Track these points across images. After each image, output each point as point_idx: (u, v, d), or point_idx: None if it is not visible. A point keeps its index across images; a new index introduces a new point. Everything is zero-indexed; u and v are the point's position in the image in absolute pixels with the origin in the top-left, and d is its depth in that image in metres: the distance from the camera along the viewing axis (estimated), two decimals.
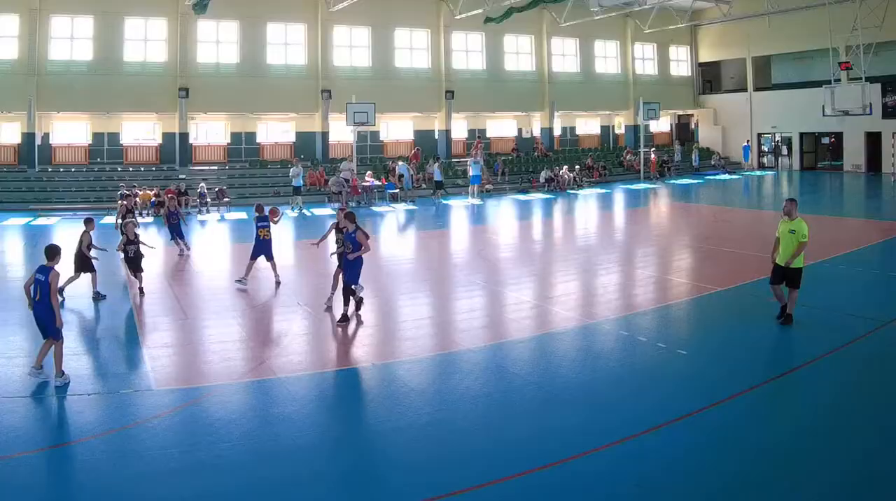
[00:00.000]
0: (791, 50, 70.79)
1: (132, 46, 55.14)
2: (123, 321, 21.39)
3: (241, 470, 11.86)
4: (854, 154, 67.41)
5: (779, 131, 74.61)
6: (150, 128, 58.42)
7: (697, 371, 16.48)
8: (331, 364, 17.61)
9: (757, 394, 14.96)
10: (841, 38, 59.94)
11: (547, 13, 67.70)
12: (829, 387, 15.49)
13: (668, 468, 11.79)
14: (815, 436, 13.01)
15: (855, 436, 12.80)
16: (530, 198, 56.35)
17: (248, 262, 25.82)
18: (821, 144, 72.63)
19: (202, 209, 49.14)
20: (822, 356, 17.12)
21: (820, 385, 15.67)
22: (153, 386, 15.64)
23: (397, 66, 63.64)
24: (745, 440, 12.79)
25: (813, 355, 17.25)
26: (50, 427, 13.79)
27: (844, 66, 60.99)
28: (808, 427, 13.46)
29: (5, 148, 54.12)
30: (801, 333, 19.01)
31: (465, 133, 68.50)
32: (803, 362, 17.01)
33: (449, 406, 14.65)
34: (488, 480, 11.32)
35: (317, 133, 61.25)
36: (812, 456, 12.24)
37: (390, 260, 32.04)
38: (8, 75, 51.35)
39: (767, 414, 14.13)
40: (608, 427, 13.22)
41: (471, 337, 19.42)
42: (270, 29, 59.19)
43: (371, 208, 50.96)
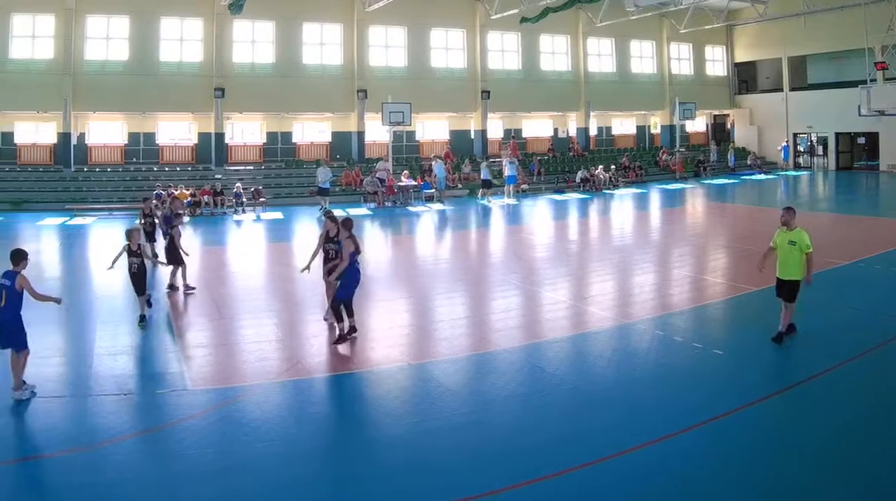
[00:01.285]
0: (827, 50, 67.97)
1: (168, 46, 53.86)
2: (159, 321, 20.91)
3: (276, 471, 11.65)
4: (890, 154, 65.05)
5: (814, 131, 72.15)
6: (186, 128, 56.85)
7: (734, 371, 16.09)
8: (366, 364, 17.06)
9: (794, 394, 14.75)
10: (876, 38, 57.83)
11: (583, 13, 65.23)
12: (869, 387, 15.01)
13: (704, 468, 11.55)
14: (855, 436, 12.60)
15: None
16: (566, 197, 54.78)
17: None
18: (856, 144, 70.04)
19: (238, 209, 47.53)
20: (860, 355, 16.71)
21: (859, 384, 15.15)
22: (189, 386, 15.42)
23: (433, 66, 61.76)
24: (782, 440, 12.56)
25: (851, 355, 16.70)
26: (85, 428, 13.34)
27: (880, 66, 58.87)
28: (848, 426, 13.02)
29: (41, 148, 52.80)
30: (836, 333, 18.49)
31: (501, 133, 66.28)
32: (840, 362, 16.32)
33: (484, 406, 14.38)
34: (524, 480, 11.09)
35: (352, 133, 59.38)
36: (852, 457, 11.82)
37: (426, 260, 31.63)
38: (44, 75, 50.09)
39: (805, 413, 13.81)
40: (644, 428, 12.95)
41: (506, 336, 19.06)
42: (306, 29, 57.58)
43: (407, 208, 49.48)
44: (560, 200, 53.34)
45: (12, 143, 52.11)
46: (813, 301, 19.61)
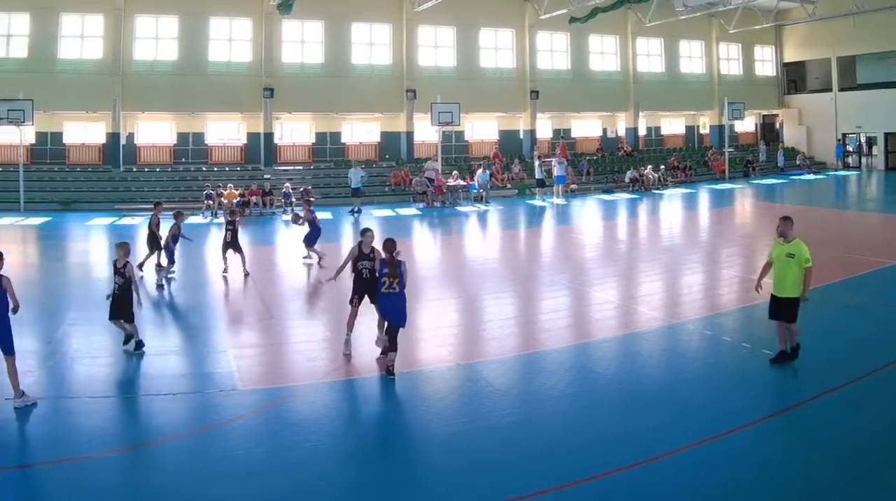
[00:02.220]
0: (876, 50, 64.53)
1: (217, 46, 52.60)
2: (208, 320, 20.68)
3: (326, 470, 11.50)
4: None
5: (863, 131, 69.65)
6: (235, 128, 55.23)
7: (782, 371, 15.54)
8: (415, 363, 16.60)
9: (843, 394, 14.16)
10: None
11: (632, 13, 62.93)
12: None
13: (753, 469, 11.20)
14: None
15: None
16: (615, 197, 52.92)
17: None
18: None
19: (287, 209, 45.81)
20: None
21: None
22: (238, 385, 15.14)
23: (482, 66, 59.71)
24: (832, 441, 12.17)
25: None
26: (134, 427, 13.27)
27: None
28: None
29: (90, 148, 51.67)
30: (886, 332, 17.99)
31: (550, 133, 63.78)
32: (888, 362, 15.74)
33: (534, 406, 14.05)
34: (573, 480, 10.87)
35: (401, 133, 57.47)
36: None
37: (475, 259, 31.19)
38: (93, 75, 48.94)
39: (854, 414, 13.26)
40: (693, 428, 12.68)
41: (556, 336, 18.70)
42: (355, 29, 55.88)
43: (455, 208, 48.00)
44: (609, 200, 51.74)
45: (61, 143, 50.89)
46: (853, 302, 19.96)
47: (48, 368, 15.90)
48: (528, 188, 54.24)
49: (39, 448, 12.28)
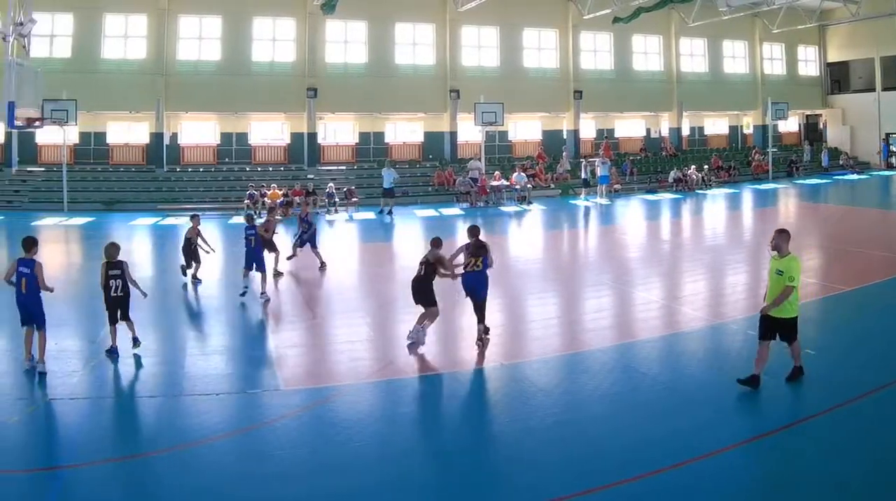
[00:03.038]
0: None
1: (260, 46, 51.01)
2: (252, 321, 20.41)
3: (369, 471, 11.18)
4: None
5: None
6: (279, 128, 53.53)
7: (826, 371, 14.94)
8: (459, 364, 16.40)
9: (888, 394, 13.67)
10: None
11: (675, 13, 60.42)
12: None
13: (797, 468, 11.07)
14: None
15: None
16: (659, 198, 51.19)
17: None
18: None
19: (330, 209, 44.62)
20: None
21: None
22: (281, 385, 14.83)
23: (525, 66, 57.28)
24: (875, 441, 11.74)
25: None
26: (178, 428, 12.83)
27: None
28: None
29: (134, 148, 50.24)
30: None
31: (594, 133, 61.53)
32: None
33: (577, 406, 13.79)
34: (616, 480, 10.57)
35: (445, 133, 55.43)
36: None
37: (518, 260, 30.13)
38: (136, 75, 47.73)
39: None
40: (736, 428, 12.57)
41: (599, 336, 18.35)
42: (398, 29, 53.88)
43: (499, 208, 46.35)
44: (652, 200, 50.09)
45: (104, 143, 49.67)
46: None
47: (91, 368, 15.58)
48: (572, 188, 52.59)
49: (84, 448, 11.86)
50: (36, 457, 11.71)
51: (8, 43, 30.64)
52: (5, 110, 29.12)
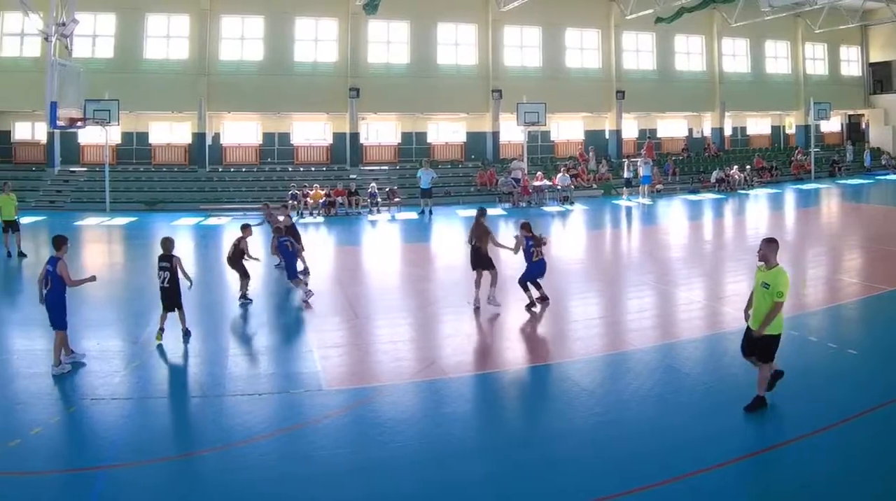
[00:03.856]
0: None
1: (302, 46, 49.21)
2: (293, 321, 19.88)
3: (412, 471, 10.78)
4: None
5: None
6: (321, 128, 51.84)
7: (869, 371, 14.46)
8: (501, 364, 15.94)
9: None
10: None
11: (717, 13, 57.73)
12: None
13: (838, 469, 10.48)
14: None
15: None
16: (701, 198, 49.02)
17: None
18: None
19: (373, 209, 42.87)
20: None
21: None
22: (323, 386, 14.35)
23: (568, 66, 54.81)
24: None
25: None
26: (220, 428, 12.39)
27: None
28: None
29: (176, 148, 48.79)
30: None
31: (636, 133, 59.09)
32: None
33: (619, 406, 13.18)
34: (658, 480, 10.16)
35: (487, 133, 53.07)
36: None
37: (560, 260, 28.13)
38: (179, 75, 46.22)
39: None
40: (778, 428, 12.05)
41: (641, 336, 17.55)
42: (441, 29, 51.64)
43: (542, 208, 44.63)
44: (695, 200, 48.02)
45: (147, 144, 48.42)
46: None
47: (134, 368, 15.13)
48: (614, 188, 50.38)
49: (126, 448, 11.50)
50: (77, 457, 11.29)
51: (50, 43, 30.16)
52: (48, 110, 28.69)
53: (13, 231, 27.46)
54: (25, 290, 23.01)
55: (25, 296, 22.13)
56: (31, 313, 18.31)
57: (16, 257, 27.07)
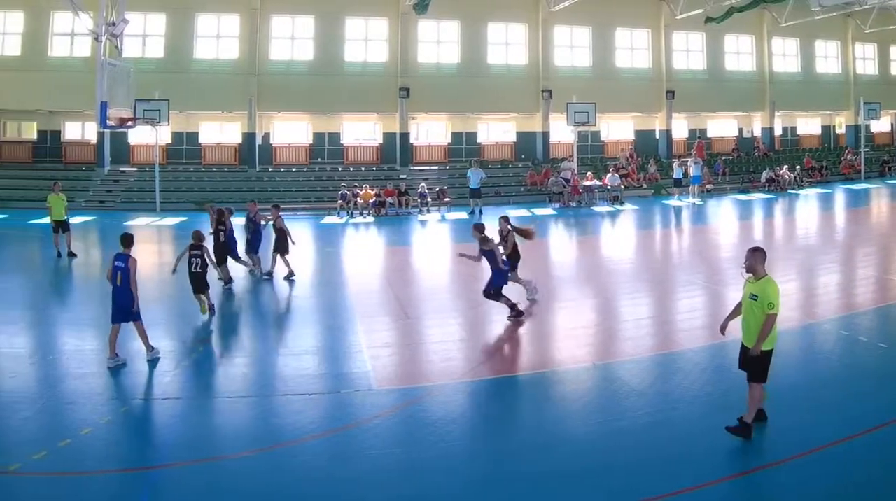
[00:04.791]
0: None
1: (352, 46, 46.96)
2: (343, 321, 18.71)
3: (461, 470, 10.46)
4: None
5: None
6: (371, 128, 49.44)
7: None
8: (551, 363, 15.12)
9: None
10: None
11: (767, 13, 54.47)
12: None
13: (889, 470, 9.93)
14: None
15: None
16: (751, 197, 46.58)
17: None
18: None
19: (422, 209, 40.85)
20: None
21: None
22: (373, 385, 13.73)
23: (618, 66, 51.78)
24: None
25: None
26: (270, 428, 11.88)
27: None
28: None
29: (226, 148, 46.87)
30: None
31: (686, 133, 55.77)
32: None
33: (669, 406, 12.44)
34: (708, 480, 9.82)
35: (537, 133, 50.20)
36: None
37: (610, 259, 28.70)
38: (229, 75, 44.33)
39: None
40: (828, 428, 11.16)
41: (691, 336, 16.82)
42: (491, 28, 48.88)
43: (592, 208, 42.51)
44: (745, 200, 45.72)
45: (197, 143, 46.52)
46: None
47: (184, 368, 14.72)
48: (664, 188, 47.50)
49: (176, 448, 11.12)
50: (127, 457, 10.86)
51: (101, 43, 29.22)
52: (98, 110, 28.01)
53: (63, 231, 26.62)
54: (75, 290, 22.83)
55: (75, 296, 21.92)
56: (81, 313, 18.83)
57: (65, 257, 26.19)
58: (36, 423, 11.96)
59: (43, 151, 44.83)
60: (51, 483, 9.93)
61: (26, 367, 14.56)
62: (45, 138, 45.05)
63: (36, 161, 44.39)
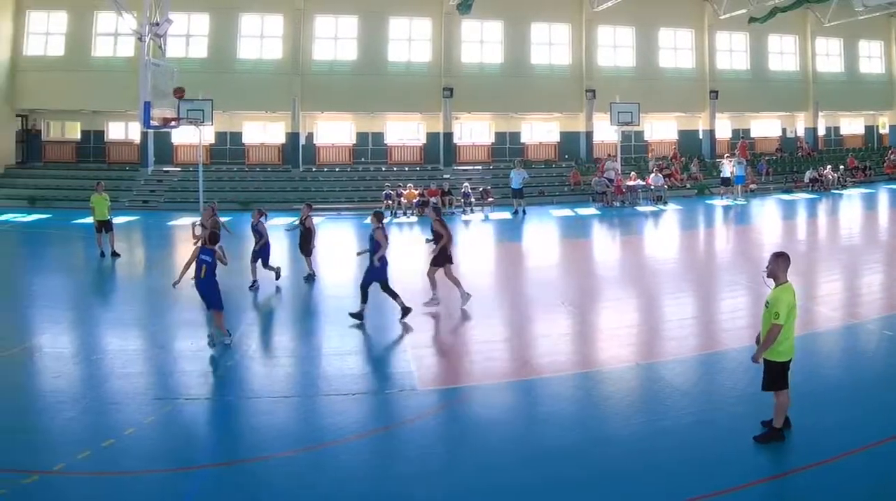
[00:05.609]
0: None
1: (396, 46, 44.88)
2: (387, 321, 17.47)
3: (505, 470, 9.92)
4: None
5: None
6: (415, 128, 47.36)
7: None
8: (595, 363, 14.48)
9: None
10: None
11: (811, 13, 51.53)
12: None
13: None
14: None
15: None
16: (794, 198, 44.43)
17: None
18: None
19: (466, 209, 38.80)
20: None
21: None
22: (417, 386, 13.13)
23: (661, 66, 49.33)
24: None
25: None
26: (313, 427, 11.62)
27: None
28: None
29: (269, 148, 44.96)
30: None
31: (729, 133, 52.95)
32: None
33: (713, 406, 12.01)
34: (753, 480, 9.46)
35: (581, 132, 47.73)
36: None
37: (654, 259, 27.53)
38: (273, 75, 42.60)
39: None
40: (871, 428, 10.67)
41: (735, 336, 15.60)
42: (534, 29, 46.56)
43: (635, 208, 40.57)
44: (788, 200, 43.66)
45: (240, 143, 44.72)
46: None
47: (228, 368, 14.11)
48: (707, 188, 45.11)
49: (220, 448, 10.74)
50: (171, 457, 10.34)
51: (144, 43, 28.72)
52: (141, 110, 27.36)
53: (106, 231, 25.74)
54: (118, 290, 22.30)
55: (119, 296, 21.38)
56: (124, 313, 18.41)
57: (109, 257, 25.44)
58: (80, 423, 11.53)
59: (86, 151, 43.47)
60: (94, 483, 9.56)
61: (70, 367, 14.00)
62: (88, 138, 43.68)
63: (79, 161, 43.07)
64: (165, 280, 17.93)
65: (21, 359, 14.33)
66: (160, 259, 23.77)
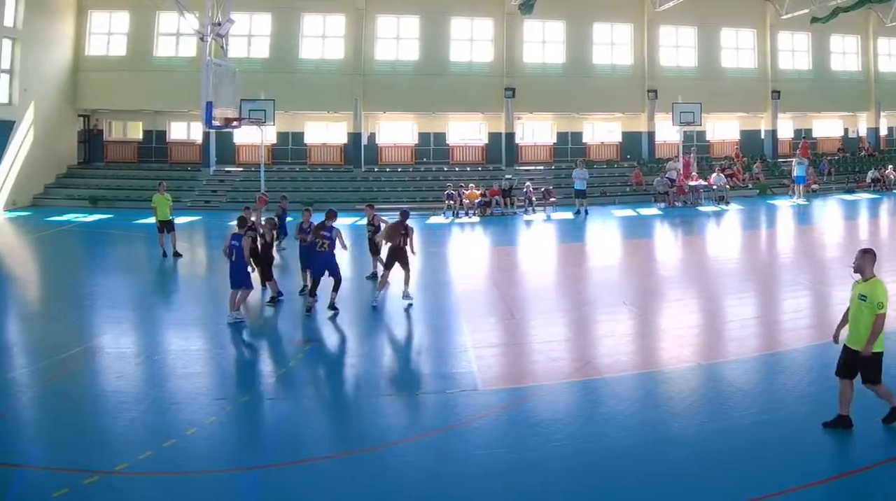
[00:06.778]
0: None
1: (458, 46, 42.16)
2: (449, 321, 16.66)
3: (566, 471, 9.26)
4: None
5: None
6: (477, 128, 44.44)
7: None
8: (657, 364, 13.58)
9: None
10: None
11: (873, 13, 47.86)
12: None
13: None
14: None
15: None
16: (856, 197, 41.59)
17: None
18: None
19: (528, 209, 36.31)
20: None
21: None
22: (479, 386, 12.35)
23: (723, 66, 45.95)
24: None
25: None
26: (376, 428, 10.78)
27: None
28: None
29: (331, 148, 42.54)
30: None
31: (791, 133, 50.02)
32: None
33: (775, 406, 11.13)
34: (814, 480, 8.82)
35: (642, 133, 44.68)
36: None
37: (716, 259, 26.09)
38: (335, 75, 40.16)
39: None
40: None
41: (796, 336, 14.82)
42: (596, 29, 43.43)
43: (697, 208, 38.05)
44: (850, 200, 40.96)
45: (302, 143, 42.20)
46: None
47: (289, 368, 13.29)
48: (769, 188, 42.10)
49: (281, 448, 10.15)
50: (232, 457, 9.78)
51: (206, 43, 27.38)
52: (203, 110, 26.21)
53: (168, 231, 24.50)
54: (180, 290, 21.42)
55: (180, 296, 20.49)
56: (186, 313, 17.78)
57: (171, 257, 24.22)
58: (141, 423, 10.89)
59: (148, 151, 41.25)
60: (156, 483, 9.06)
61: (132, 367, 13.45)
62: (150, 138, 41.47)
63: (141, 161, 40.87)
64: (227, 279, 16.68)
65: (83, 359, 13.72)
66: (222, 259, 21.55)
